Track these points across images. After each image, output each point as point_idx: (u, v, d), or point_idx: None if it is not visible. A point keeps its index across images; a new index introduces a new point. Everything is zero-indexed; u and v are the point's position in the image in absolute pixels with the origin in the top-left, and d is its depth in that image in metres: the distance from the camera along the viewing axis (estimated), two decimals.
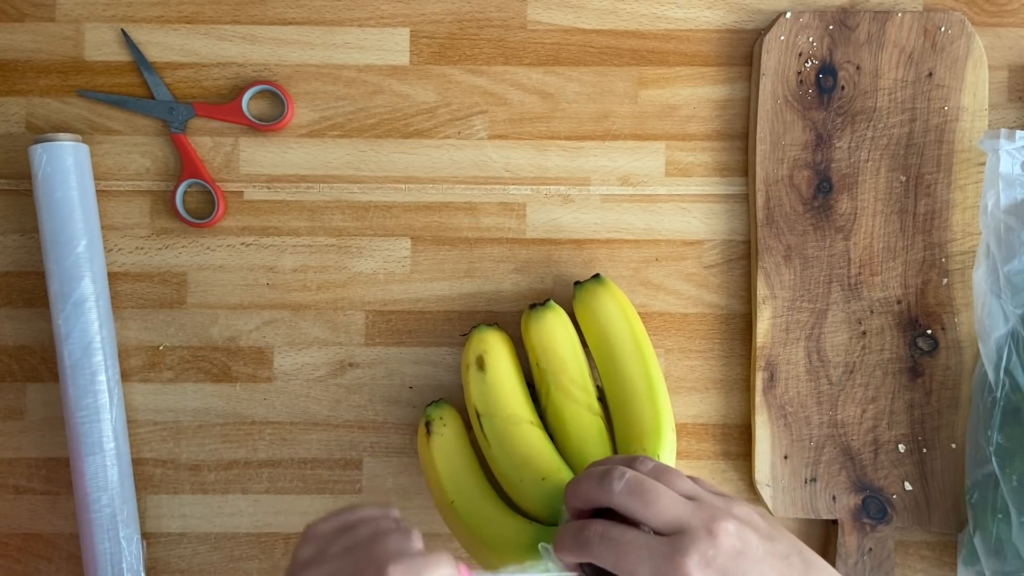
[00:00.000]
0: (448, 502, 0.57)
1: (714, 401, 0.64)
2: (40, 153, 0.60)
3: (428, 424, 0.59)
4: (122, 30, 0.63)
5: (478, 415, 0.58)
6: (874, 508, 0.61)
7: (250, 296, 0.64)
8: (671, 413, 0.58)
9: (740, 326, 0.64)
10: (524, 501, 0.56)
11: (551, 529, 0.54)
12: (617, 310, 0.59)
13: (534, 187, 0.64)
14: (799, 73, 0.62)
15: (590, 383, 0.59)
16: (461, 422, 0.60)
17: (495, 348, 0.59)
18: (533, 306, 0.60)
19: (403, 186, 0.64)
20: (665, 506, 0.42)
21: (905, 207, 0.62)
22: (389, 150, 0.64)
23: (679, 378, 0.64)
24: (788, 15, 0.62)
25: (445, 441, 0.58)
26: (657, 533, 0.42)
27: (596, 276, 0.61)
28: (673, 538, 0.41)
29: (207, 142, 0.64)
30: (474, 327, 0.60)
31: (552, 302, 0.60)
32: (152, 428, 0.63)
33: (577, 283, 0.61)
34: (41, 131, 0.63)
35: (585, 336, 0.60)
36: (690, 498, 0.43)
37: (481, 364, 0.58)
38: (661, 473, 0.44)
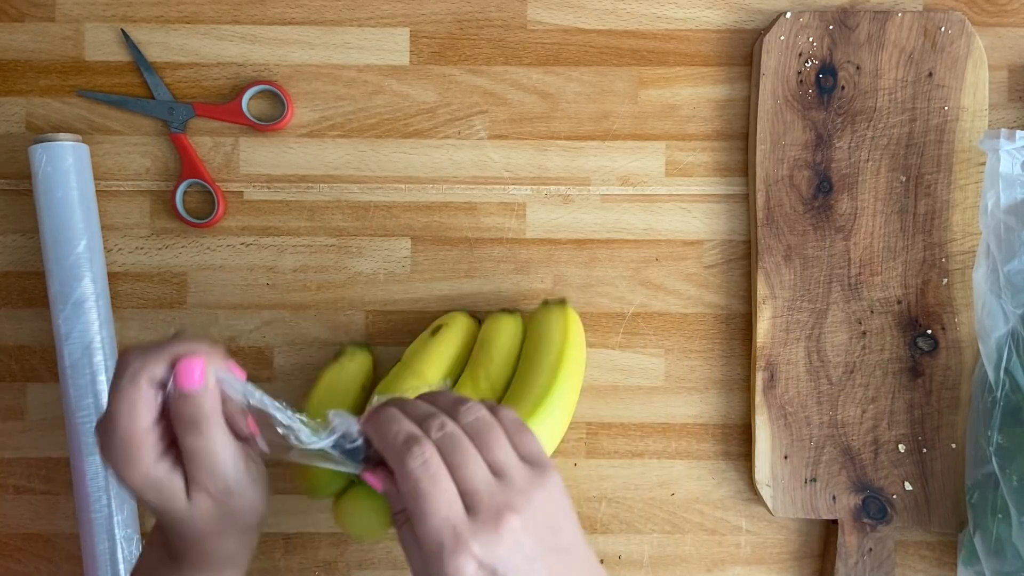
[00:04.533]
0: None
1: (714, 401, 0.64)
2: (40, 153, 0.60)
3: (339, 354, 0.60)
4: (122, 30, 0.63)
5: (400, 362, 0.59)
6: (874, 508, 0.61)
7: (250, 296, 0.64)
8: (556, 429, 0.57)
9: (740, 326, 0.64)
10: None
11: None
12: (560, 331, 0.59)
13: (534, 187, 0.64)
14: (799, 73, 0.62)
15: (500, 391, 0.58)
16: (366, 369, 0.61)
17: (456, 327, 0.60)
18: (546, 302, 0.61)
19: (403, 186, 0.64)
20: (468, 475, 0.41)
21: (905, 207, 0.62)
22: (389, 150, 0.64)
23: (679, 378, 0.64)
24: (788, 15, 0.62)
25: (340, 370, 0.60)
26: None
27: (562, 300, 0.61)
28: (465, 521, 0.40)
29: (207, 142, 0.64)
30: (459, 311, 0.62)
31: (547, 307, 0.60)
32: None
33: (545, 301, 0.61)
34: (41, 131, 0.63)
35: (523, 346, 0.60)
36: (499, 473, 0.42)
37: (435, 331, 0.60)
38: (482, 431, 0.43)
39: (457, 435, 0.43)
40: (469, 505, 0.41)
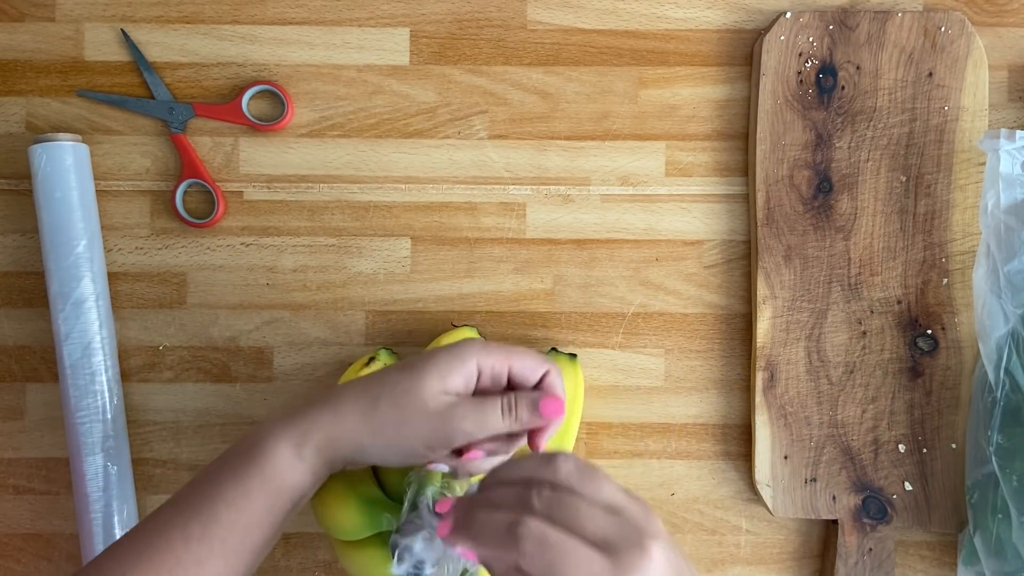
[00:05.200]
0: None
1: (714, 401, 0.64)
2: (40, 153, 0.60)
3: (372, 359, 0.60)
4: (122, 30, 0.63)
5: None
6: (874, 508, 0.61)
7: (250, 296, 0.64)
8: None
9: (740, 326, 0.64)
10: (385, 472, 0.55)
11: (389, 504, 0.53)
12: (571, 388, 0.60)
13: (534, 187, 0.64)
14: (799, 73, 0.62)
15: None
16: None
17: (383, 361, 0.60)
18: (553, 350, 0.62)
19: (403, 186, 0.64)
20: (589, 524, 0.39)
21: (905, 207, 0.62)
22: (389, 150, 0.64)
23: (679, 378, 0.64)
24: (788, 15, 0.62)
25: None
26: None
27: (573, 355, 0.62)
28: (613, 559, 0.39)
29: (207, 142, 0.64)
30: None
31: (557, 358, 0.61)
32: (152, 428, 0.63)
33: (553, 349, 0.62)
34: (41, 131, 0.63)
35: None
36: (615, 510, 0.41)
37: (369, 362, 0.59)
38: (583, 479, 0.41)
39: (558, 495, 0.40)
40: (605, 550, 0.39)
